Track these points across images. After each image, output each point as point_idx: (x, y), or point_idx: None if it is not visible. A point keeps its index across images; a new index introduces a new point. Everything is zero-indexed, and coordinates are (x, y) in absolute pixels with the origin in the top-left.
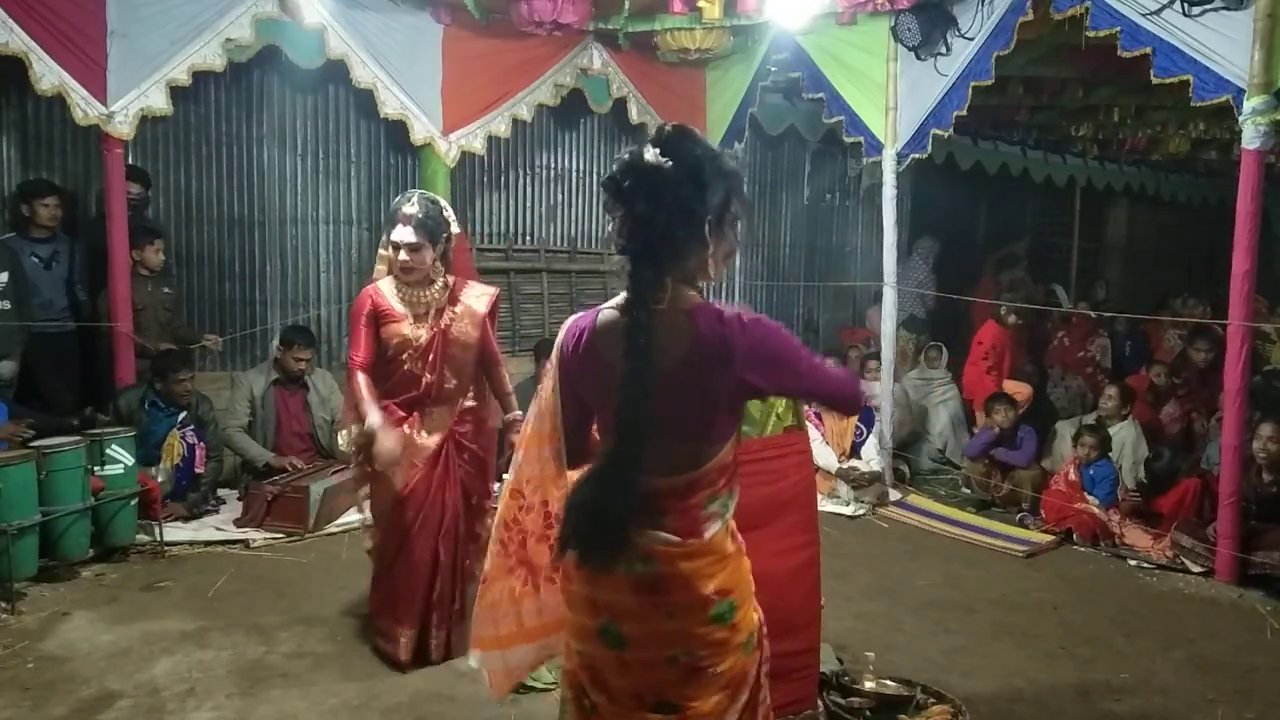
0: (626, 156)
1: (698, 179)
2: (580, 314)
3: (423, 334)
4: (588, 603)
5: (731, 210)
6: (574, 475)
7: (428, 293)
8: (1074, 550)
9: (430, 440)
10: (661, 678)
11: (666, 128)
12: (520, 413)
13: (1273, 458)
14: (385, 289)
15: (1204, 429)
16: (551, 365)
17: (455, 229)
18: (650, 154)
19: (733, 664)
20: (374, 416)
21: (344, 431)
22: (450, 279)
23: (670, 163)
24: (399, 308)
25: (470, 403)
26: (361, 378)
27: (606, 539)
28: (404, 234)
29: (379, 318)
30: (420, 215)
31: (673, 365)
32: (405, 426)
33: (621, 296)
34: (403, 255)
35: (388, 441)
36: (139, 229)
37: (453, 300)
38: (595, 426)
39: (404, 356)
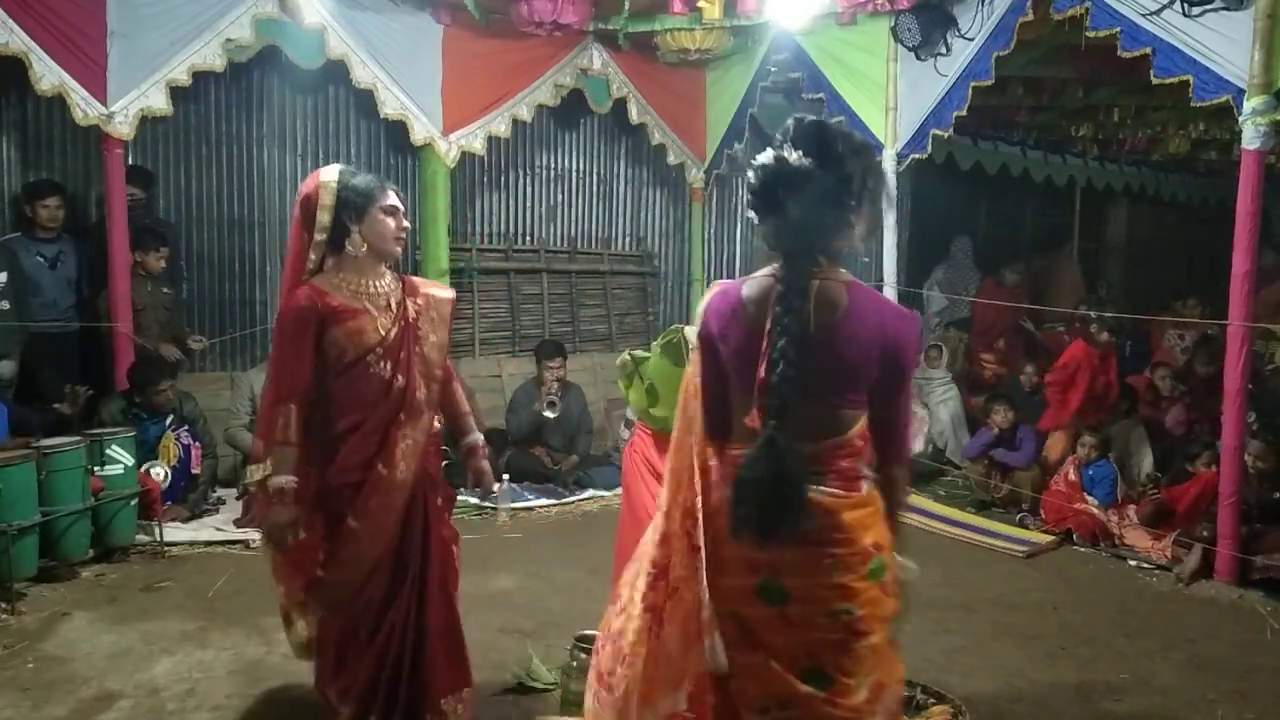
0: (770, 162)
1: (842, 172)
2: (724, 283)
3: (393, 328)
4: (743, 563)
5: (870, 188)
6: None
7: (382, 284)
8: (1074, 550)
9: (407, 475)
10: (821, 637)
11: (803, 123)
12: (481, 436)
13: (1262, 474)
14: (325, 286)
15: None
16: (696, 339)
17: None
18: (794, 157)
19: (880, 645)
20: (291, 471)
21: (256, 467)
22: (410, 278)
23: (813, 162)
24: (354, 303)
25: (438, 425)
26: (296, 414)
27: (789, 506)
28: (395, 199)
29: (327, 321)
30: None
31: (823, 334)
32: (381, 466)
33: (770, 268)
34: (400, 220)
35: (285, 514)
36: (147, 233)
37: (410, 292)
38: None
39: (369, 358)
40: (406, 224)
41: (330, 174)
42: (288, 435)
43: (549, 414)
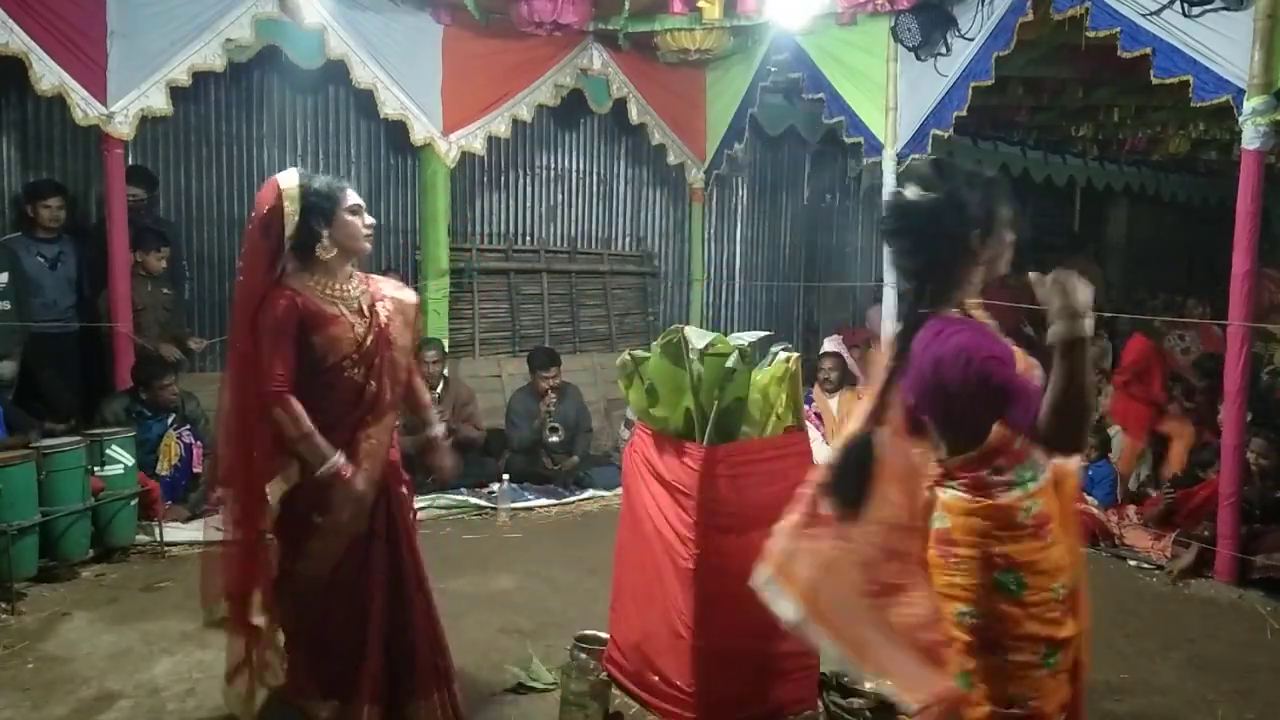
0: (892, 199)
1: (958, 204)
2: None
3: (368, 335)
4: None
5: (998, 218)
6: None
7: (351, 286)
8: None
9: (371, 473)
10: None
11: (924, 164)
12: (441, 428)
13: (1264, 471)
14: (300, 289)
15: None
16: None
17: None
18: (911, 192)
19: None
20: (333, 452)
21: (276, 481)
22: (377, 277)
23: (931, 195)
24: (330, 308)
25: (397, 423)
26: (296, 404)
27: (851, 494)
28: (357, 198)
29: (306, 323)
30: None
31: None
32: (345, 470)
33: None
34: (369, 219)
35: (360, 482)
36: (148, 233)
37: (377, 294)
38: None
39: (345, 363)
40: (371, 219)
41: (290, 180)
42: (302, 426)
43: (554, 439)
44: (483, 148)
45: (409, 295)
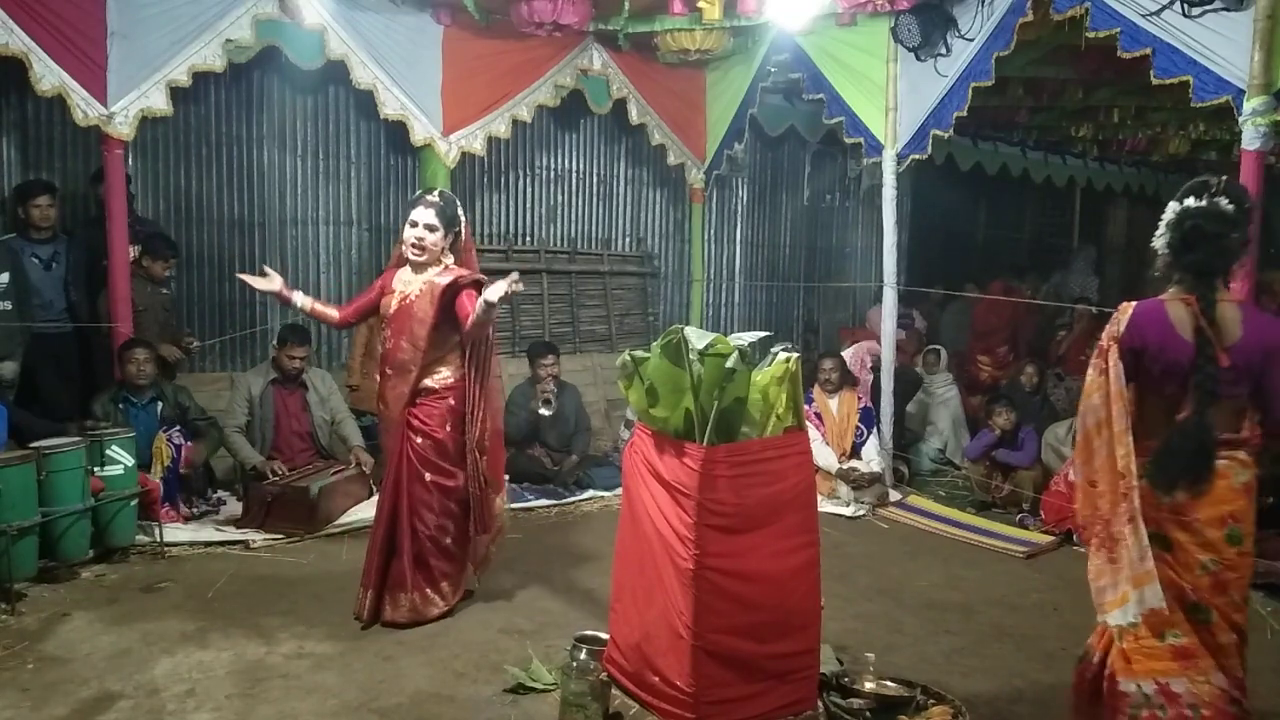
0: (1204, 206)
1: (1248, 217)
2: (1140, 304)
3: (395, 306)
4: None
5: (1249, 233)
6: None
7: (419, 274)
8: (1074, 551)
9: (393, 412)
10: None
11: (1222, 181)
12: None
13: (1261, 482)
14: (400, 271)
15: None
16: (1110, 351)
17: (465, 231)
18: (1225, 205)
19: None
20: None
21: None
22: (452, 269)
23: (1234, 208)
24: (397, 286)
25: (429, 384)
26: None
27: (1200, 473)
28: (422, 214)
29: (383, 290)
30: (440, 203)
31: (1231, 346)
32: (381, 404)
33: (1174, 293)
34: (418, 231)
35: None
36: (159, 240)
37: (433, 280)
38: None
39: (382, 323)
40: (423, 234)
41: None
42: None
43: (545, 411)
44: (483, 148)
45: (444, 279)
